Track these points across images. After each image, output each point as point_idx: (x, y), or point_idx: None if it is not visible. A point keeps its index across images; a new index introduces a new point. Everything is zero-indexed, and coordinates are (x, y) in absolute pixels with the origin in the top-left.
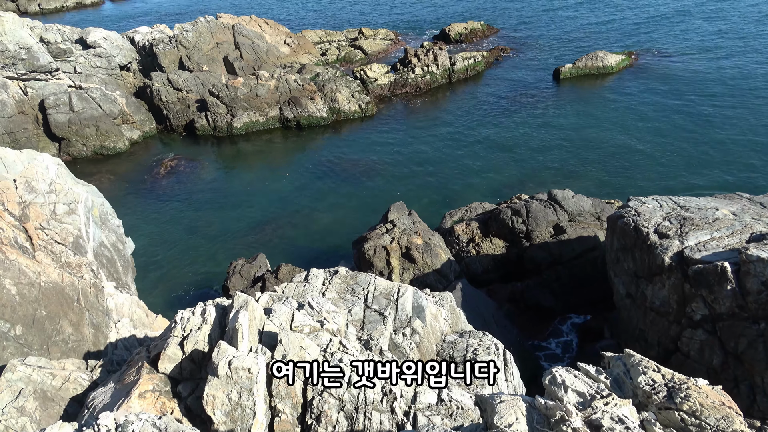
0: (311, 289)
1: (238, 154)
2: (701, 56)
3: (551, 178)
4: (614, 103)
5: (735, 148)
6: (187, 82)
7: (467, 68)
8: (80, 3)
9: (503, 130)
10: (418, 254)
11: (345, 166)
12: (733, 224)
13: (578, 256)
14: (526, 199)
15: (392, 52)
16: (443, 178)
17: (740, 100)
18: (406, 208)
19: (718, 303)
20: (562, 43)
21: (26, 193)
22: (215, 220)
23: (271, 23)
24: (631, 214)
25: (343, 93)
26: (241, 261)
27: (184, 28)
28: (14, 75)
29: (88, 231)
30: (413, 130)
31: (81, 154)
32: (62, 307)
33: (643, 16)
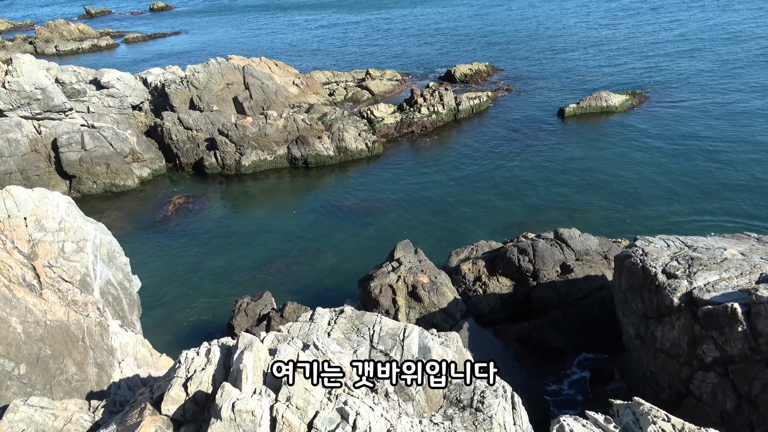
0: (316, 329)
1: (246, 192)
2: (704, 96)
3: (557, 216)
4: (619, 141)
5: (741, 188)
6: (197, 122)
7: (473, 108)
8: (95, 45)
9: (509, 168)
10: (424, 293)
11: (351, 205)
12: (741, 264)
13: (586, 295)
14: (532, 238)
15: (399, 93)
16: (449, 216)
17: (746, 141)
18: (412, 246)
19: (729, 345)
20: (566, 83)
21: (36, 231)
22: (222, 257)
23: (280, 64)
24: (638, 253)
25: (351, 132)
26: (247, 299)
27: (195, 69)
28: (29, 114)
29: (96, 269)
30: (419, 168)
31: (91, 192)
32: (67, 346)
33: (646, 57)
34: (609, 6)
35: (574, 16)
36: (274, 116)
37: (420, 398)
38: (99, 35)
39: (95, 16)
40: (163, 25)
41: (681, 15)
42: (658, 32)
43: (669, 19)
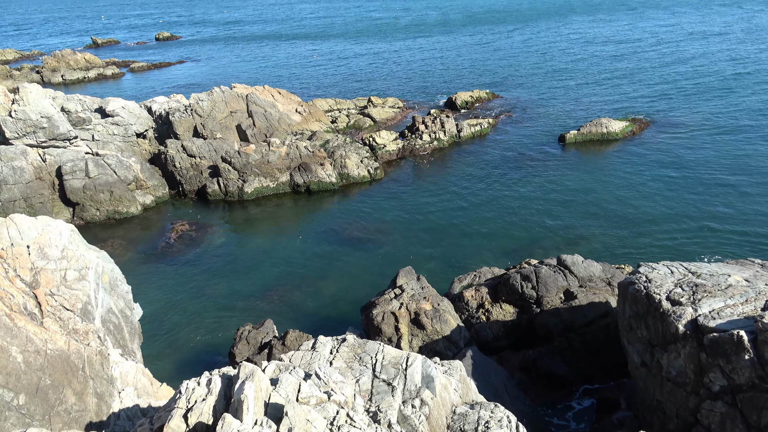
0: (318, 358)
1: (248, 218)
2: (704, 122)
3: (559, 242)
4: (619, 167)
5: (744, 214)
6: (201, 149)
7: (474, 134)
8: (101, 74)
9: (511, 194)
10: (427, 320)
11: (353, 231)
12: (746, 291)
13: (590, 322)
14: (535, 265)
15: (400, 120)
16: (452, 242)
17: (747, 167)
18: (414, 273)
19: (736, 373)
20: (566, 110)
21: (38, 259)
22: (224, 284)
23: (283, 92)
24: (642, 280)
25: (353, 159)
26: (249, 327)
27: (199, 98)
28: (34, 142)
29: (97, 297)
30: (421, 194)
31: (94, 219)
32: (67, 376)
33: (647, 84)
34: (608, 34)
35: (573, 45)
36: (276, 143)
37: (423, 429)
38: (105, 64)
39: (102, 46)
40: (168, 54)
41: (681, 44)
42: (658, 60)
43: (670, 48)
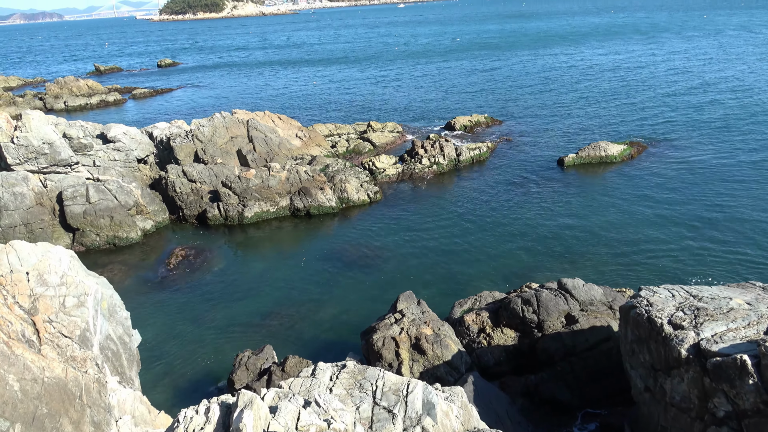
0: (318, 385)
1: (248, 243)
2: (703, 145)
3: (559, 266)
4: (618, 191)
5: (744, 237)
6: (201, 174)
7: (473, 158)
8: (103, 100)
9: (510, 218)
10: (427, 345)
11: (353, 255)
12: (748, 315)
13: (592, 347)
14: (536, 288)
15: (400, 144)
16: (452, 266)
17: (746, 190)
18: (414, 297)
19: (741, 398)
20: (565, 134)
21: (37, 286)
22: (223, 309)
23: (283, 118)
24: (643, 304)
25: (352, 183)
26: (248, 353)
27: (200, 124)
28: (36, 168)
29: (96, 324)
30: (421, 218)
31: (94, 245)
32: (64, 404)
33: (645, 108)
34: (606, 60)
35: (571, 70)
36: (277, 168)
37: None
38: (107, 91)
39: (104, 73)
40: (170, 80)
41: (681, 69)
42: (657, 84)
43: (669, 73)
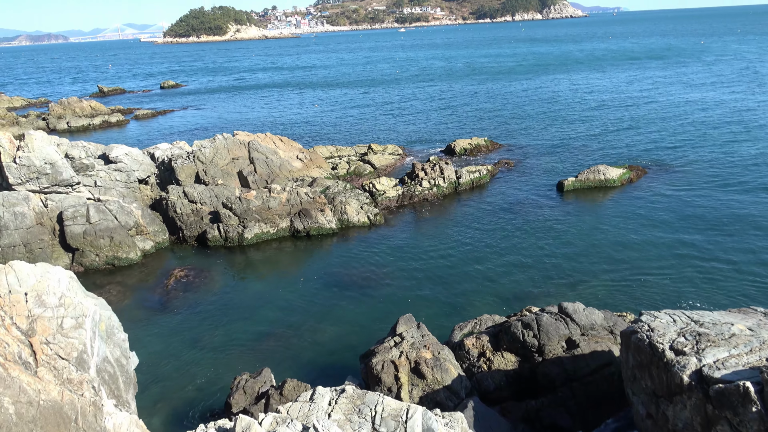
0: (317, 410)
1: (247, 264)
2: (703, 169)
3: (559, 289)
4: (618, 214)
5: (744, 262)
6: (202, 195)
7: (473, 181)
8: (106, 121)
9: (510, 240)
10: (427, 369)
11: (353, 277)
12: (750, 341)
13: (593, 372)
14: (536, 312)
15: (400, 166)
16: (451, 288)
17: (746, 215)
18: (414, 320)
19: (744, 426)
20: (564, 157)
21: (36, 307)
22: (221, 331)
23: (284, 140)
24: (644, 329)
25: (353, 205)
26: (245, 376)
27: (202, 145)
28: (37, 188)
29: (93, 346)
30: (421, 240)
31: (93, 265)
32: (59, 428)
33: (644, 132)
34: (605, 85)
35: (570, 95)
36: (277, 190)
37: None
38: (110, 112)
39: (108, 94)
40: (172, 102)
41: (680, 94)
42: (656, 109)
43: (668, 98)
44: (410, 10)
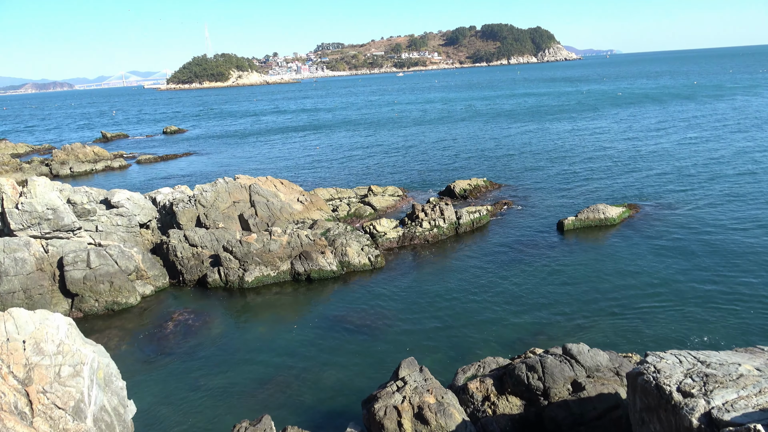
0: None
1: (248, 307)
2: (702, 208)
3: (563, 330)
4: (618, 253)
5: (747, 299)
6: (203, 239)
7: (473, 222)
8: (108, 166)
9: (512, 282)
10: (431, 415)
11: (354, 320)
12: (759, 381)
13: (600, 415)
14: (540, 354)
15: (400, 207)
16: (454, 331)
17: (747, 252)
18: (416, 363)
19: None
20: (564, 197)
21: (33, 355)
22: (221, 376)
23: (285, 182)
24: (650, 371)
25: (353, 247)
26: (245, 423)
27: (203, 189)
28: (38, 234)
29: (91, 395)
30: (422, 282)
31: (92, 310)
32: None
33: (642, 172)
34: (603, 126)
35: (569, 136)
36: (278, 232)
37: None
38: (113, 157)
39: (111, 139)
40: (175, 147)
41: (677, 133)
42: (654, 148)
43: (665, 137)
44: (408, 55)
